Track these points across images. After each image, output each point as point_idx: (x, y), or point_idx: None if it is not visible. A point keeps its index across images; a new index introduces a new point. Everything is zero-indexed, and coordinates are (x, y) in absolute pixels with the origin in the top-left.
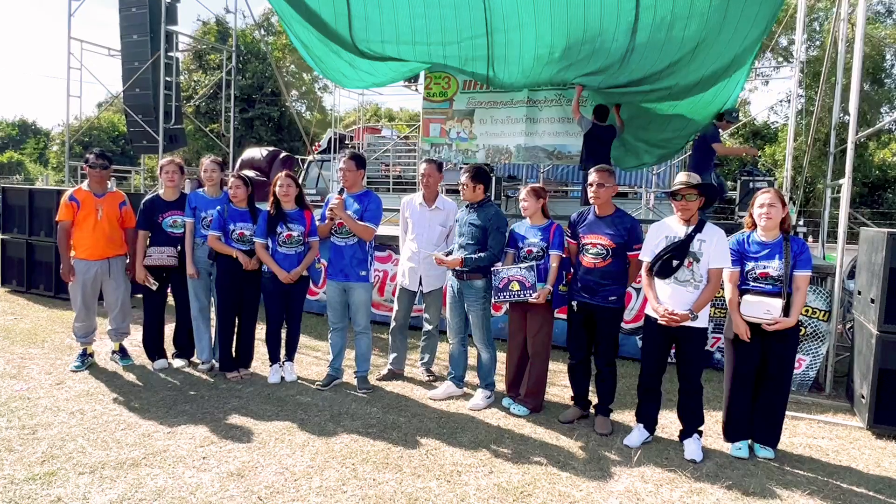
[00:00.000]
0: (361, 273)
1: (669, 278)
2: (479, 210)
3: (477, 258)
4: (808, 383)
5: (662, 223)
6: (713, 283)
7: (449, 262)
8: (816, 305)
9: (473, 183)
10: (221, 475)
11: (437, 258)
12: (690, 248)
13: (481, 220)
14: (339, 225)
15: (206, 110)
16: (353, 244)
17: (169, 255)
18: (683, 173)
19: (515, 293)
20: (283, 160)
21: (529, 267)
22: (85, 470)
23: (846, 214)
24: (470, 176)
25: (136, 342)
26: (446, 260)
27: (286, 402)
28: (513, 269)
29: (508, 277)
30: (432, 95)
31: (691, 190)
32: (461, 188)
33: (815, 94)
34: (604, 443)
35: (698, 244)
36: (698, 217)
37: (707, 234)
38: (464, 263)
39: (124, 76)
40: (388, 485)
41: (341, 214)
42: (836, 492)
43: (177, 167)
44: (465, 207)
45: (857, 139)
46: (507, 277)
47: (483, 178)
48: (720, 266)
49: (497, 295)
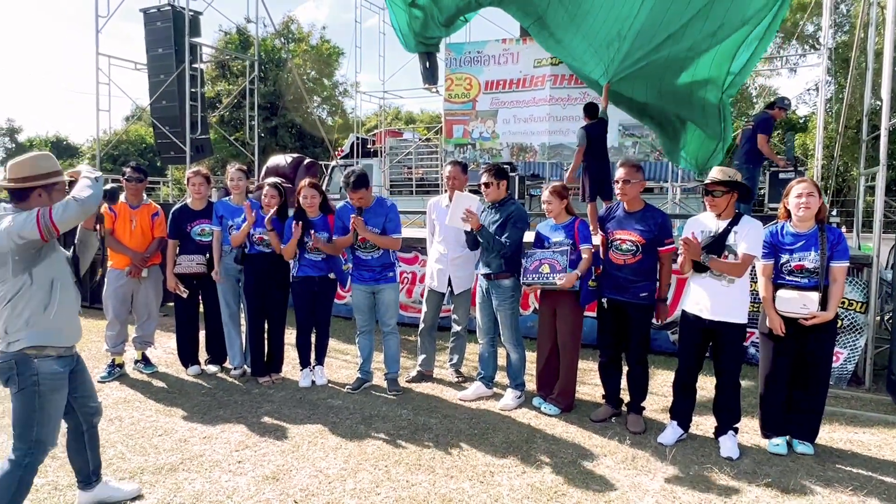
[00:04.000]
0: (389, 275)
1: (705, 273)
2: (500, 208)
3: (492, 234)
4: (847, 377)
5: (697, 218)
6: (741, 263)
7: (473, 220)
8: (853, 297)
9: (497, 180)
10: (257, 479)
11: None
12: (727, 242)
13: (501, 217)
14: (361, 240)
15: (231, 119)
16: (378, 256)
17: (198, 263)
18: (717, 168)
19: (545, 275)
20: (307, 166)
21: (563, 252)
22: (125, 475)
23: (882, 202)
24: (493, 174)
25: (171, 349)
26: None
27: (318, 406)
28: (546, 251)
29: (541, 260)
30: (454, 97)
31: (717, 186)
32: (482, 189)
33: (844, 81)
34: (637, 441)
35: (733, 237)
36: (734, 211)
37: (742, 226)
38: (480, 231)
39: (151, 89)
40: (422, 486)
41: (367, 235)
42: (880, 488)
43: (203, 178)
44: (487, 209)
45: (891, 125)
46: (539, 260)
47: (504, 175)
48: (748, 253)
49: (526, 276)
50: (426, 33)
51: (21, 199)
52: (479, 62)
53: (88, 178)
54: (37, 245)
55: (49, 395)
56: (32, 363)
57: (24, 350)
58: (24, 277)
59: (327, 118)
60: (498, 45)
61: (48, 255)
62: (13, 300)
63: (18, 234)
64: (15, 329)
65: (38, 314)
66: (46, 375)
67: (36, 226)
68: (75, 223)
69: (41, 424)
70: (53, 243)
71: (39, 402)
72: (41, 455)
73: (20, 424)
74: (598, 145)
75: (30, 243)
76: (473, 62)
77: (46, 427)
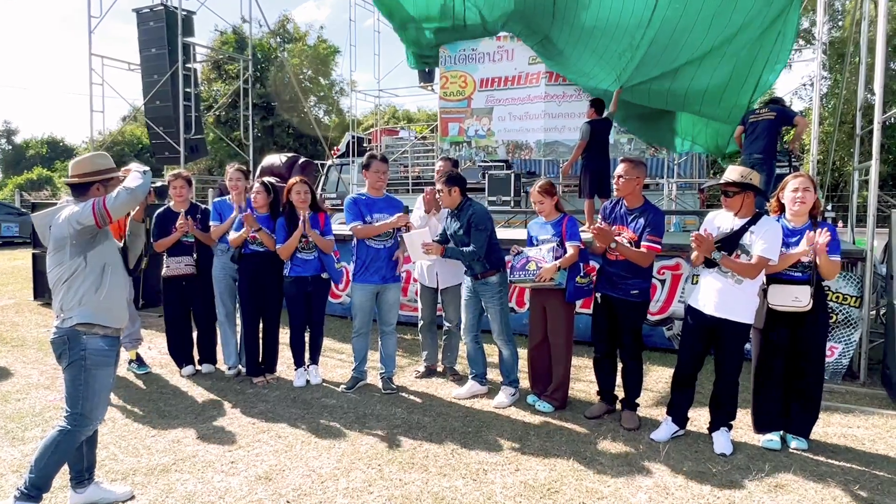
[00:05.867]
0: (396, 273)
1: (713, 268)
2: (459, 214)
3: (459, 250)
4: (842, 371)
5: (715, 215)
6: (755, 264)
7: (433, 249)
8: (847, 291)
9: (448, 187)
10: (250, 479)
11: (423, 243)
12: (741, 241)
13: (462, 223)
14: None
15: (228, 119)
16: (390, 245)
17: (186, 265)
18: (732, 168)
19: (532, 273)
20: (302, 165)
21: (550, 249)
22: (117, 477)
23: (875, 197)
24: (444, 181)
25: (166, 350)
26: (431, 246)
27: (312, 405)
28: (534, 249)
29: (528, 258)
30: (449, 95)
31: (730, 186)
32: (438, 196)
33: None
34: (631, 438)
35: (749, 237)
36: (753, 210)
37: (760, 226)
38: (444, 253)
39: (145, 89)
40: (415, 485)
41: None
42: (873, 482)
43: (184, 181)
44: (448, 216)
45: (885, 120)
46: (527, 258)
47: (456, 181)
48: (764, 255)
49: (513, 274)
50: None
51: (82, 193)
52: (474, 60)
53: (137, 171)
54: (92, 231)
55: (94, 370)
56: (82, 339)
57: (75, 326)
58: (80, 260)
59: (324, 117)
60: (492, 42)
61: (102, 241)
62: (69, 280)
63: (77, 221)
64: (69, 307)
65: (91, 294)
66: (93, 352)
67: (91, 213)
68: (126, 210)
69: (86, 399)
70: (107, 232)
71: (85, 376)
72: (84, 428)
73: (69, 397)
74: (600, 142)
75: (86, 229)
76: (468, 60)
77: (91, 402)
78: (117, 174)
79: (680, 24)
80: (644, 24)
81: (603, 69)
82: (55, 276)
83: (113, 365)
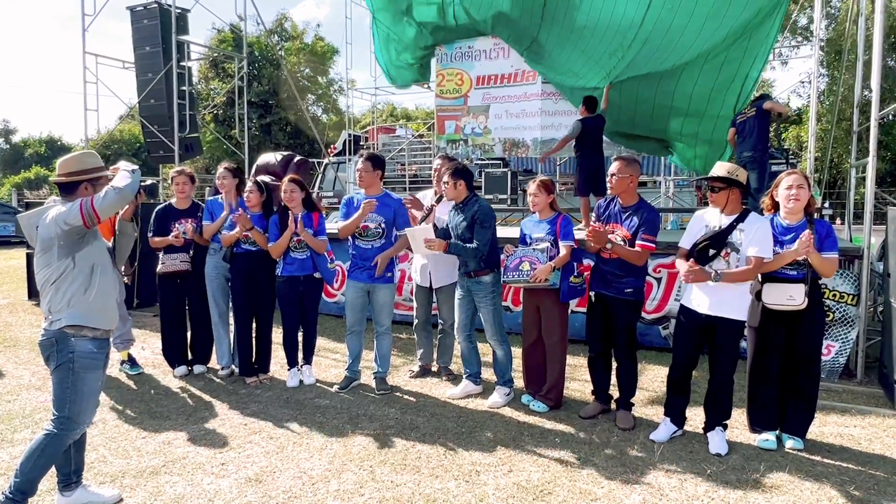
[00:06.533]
0: (388, 274)
1: (704, 267)
2: (464, 208)
3: (463, 246)
4: (839, 370)
5: (701, 213)
6: (752, 267)
7: (435, 245)
8: (844, 289)
9: (454, 180)
10: (240, 481)
11: (426, 238)
12: (729, 239)
13: (466, 218)
14: (363, 228)
15: (225, 118)
16: (379, 245)
17: (182, 261)
18: (720, 164)
19: (525, 273)
20: (297, 164)
21: (543, 249)
22: (106, 479)
23: (872, 194)
24: (451, 174)
25: (159, 350)
26: (434, 242)
27: (304, 406)
28: (527, 249)
29: (521, 258)
30: (445, 93)
31: (715, 182)
32: (444, 189)
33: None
34: (626, 438)
35: (738, 234)
36: (740, 206)
37: (748, 223)
38: (448, 248)
39: (139, 88)
40: (406, 486)
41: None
42: (869, 482)
43: (187, 177)
44: (452, 209)
45: (882, 116)
46: (520, 258)
47: (463, 174)
48: (758, 255)
49: (507, 274)
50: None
51: (69, 192)
52: (470, 57)
53: (126, 170)
54: (80, 232)
55: (83, 373)
56: (70, 341)
57: (63, 328)
58: (68, 261)
59: (322, 116)
60: (488, 39)
61: (90, 242)
62: (57, 282)
63: (64, 221)
64: (57, 309)
65: (79, 296)
66: (82, 354)
67: (79, 213)
68: (114, 210)
69: (73, 402)
70: (95, 232)
71: (73, 379)
72: (70, 432)
73: (56, 400)
74: (592, 139)
75: (74, 230)
76: (464, 57)
77: (78, 405)
78: (106, 173)
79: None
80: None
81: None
82: (43, 278)
83: (102, 368)
